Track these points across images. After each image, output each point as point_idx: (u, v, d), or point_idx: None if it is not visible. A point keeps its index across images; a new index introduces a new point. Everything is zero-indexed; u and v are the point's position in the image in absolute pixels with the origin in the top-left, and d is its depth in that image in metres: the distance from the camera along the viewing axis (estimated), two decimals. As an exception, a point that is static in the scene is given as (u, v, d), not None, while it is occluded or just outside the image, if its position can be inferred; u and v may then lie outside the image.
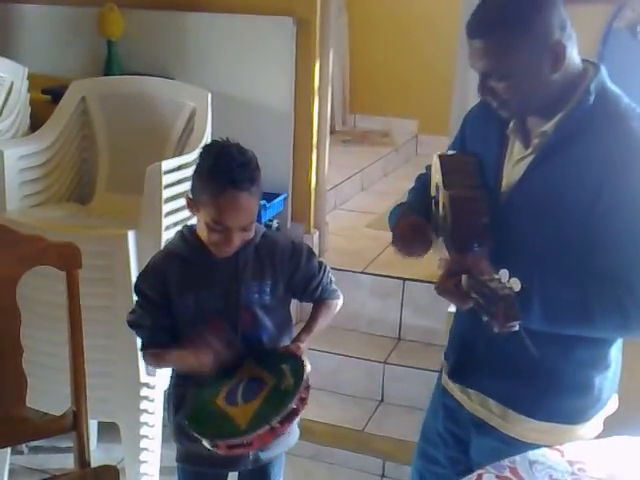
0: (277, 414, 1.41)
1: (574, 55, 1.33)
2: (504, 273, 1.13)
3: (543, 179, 1.34)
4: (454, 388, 1.56)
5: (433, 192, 1.52)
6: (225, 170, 1.46)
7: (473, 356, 1.49)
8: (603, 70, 1.37)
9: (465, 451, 1.57)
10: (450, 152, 1.55)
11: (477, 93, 1.36)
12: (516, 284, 1.11)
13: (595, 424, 1.47)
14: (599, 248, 1.28)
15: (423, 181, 1.65)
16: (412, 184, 1.71)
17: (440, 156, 1.49)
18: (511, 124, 1.41)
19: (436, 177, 1.49)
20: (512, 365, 1.42)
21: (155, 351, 1.58)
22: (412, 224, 1.48)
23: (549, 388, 1.42)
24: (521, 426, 1.45)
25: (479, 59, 1.30)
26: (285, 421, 1.42)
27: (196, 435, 1.45)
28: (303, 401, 1.45)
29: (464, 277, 1.21)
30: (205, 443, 1.44)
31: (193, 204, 1.52)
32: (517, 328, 1.13)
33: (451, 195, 1.36)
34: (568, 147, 1.31)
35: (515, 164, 1.41)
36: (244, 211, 1.48)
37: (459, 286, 1.22)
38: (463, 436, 1.57)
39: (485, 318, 1.15)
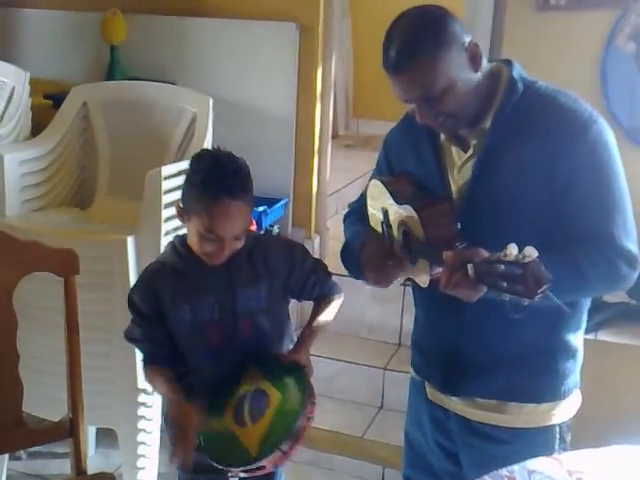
0: (286, 438, 1.40)
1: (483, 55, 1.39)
2: (513, 247, 1.13)
3: (494, 174, 1.37)
4: (445, 399, 1.55)
5: (378, 219, 1.52)
6: (218, 179, 1.45)
7: (463, 363, 1.48)
8: (515, 62, 1.42)
9: (457, 463, 1.57)
10: (385, 176, 1.55)
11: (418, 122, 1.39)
12: (532, 251, 1.11)
13: (578, 394, 1.53)
14: (570, 215, 1.34)
15: (357, 212, 1.65)
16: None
17: (381, 181, 1.50)
18: (442, 135, 1.45)
19: (380, 203, 1.50)
20: (505, 359, 1.44)
21: (152, 373, 1.58)
22: (378, 249, 1.48)
23: (546, 369, 1.46)
24: (526, 414, 1.47)
25: (410, 88, 1.34)
26: (294, 443, 1.41)
27: (212, 462, 1.45)
28: (310, 419, 1.44)
29: (470, 266, 1.19)
30: (220, 467, 1.45)
31: (184, 213, 1.52)
32: (545, 294, 1.12)
33: (414, 207, 1.37)
34: (510, 137, 1.36)
35: (460, 169, 1.43)
36: (237, 220, 1.47)
37: (467, 277, 1.21)
38: (452, 449, 1.57)
39: (507, 297, 1.14)
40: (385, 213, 1.48)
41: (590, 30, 2.45)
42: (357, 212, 1.66)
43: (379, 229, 1.53)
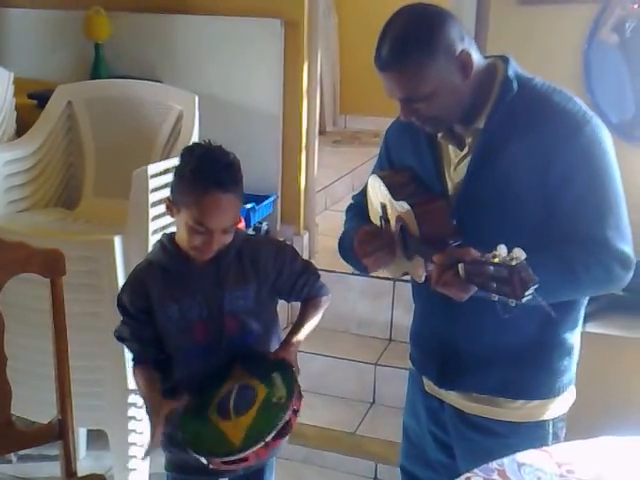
0: (271, 430, 1.40)
1: (477, 56, 1.39)
2: (502, 248, 1.14)
3: (489, 172, 1.38)
4: (441, 391, 1.55)
5: (377, 213, 1.53)
6: (209, 171, 1.45)
7: (458, 358, 1.49)
8: (512, 58, 1.43)
9: (451, 455, 1.57)
10: (385, 171, 1.57)
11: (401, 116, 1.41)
12: (520, 253, 1.12)
13: (572, 390, 1.53)
14: (565, 215, 1.34)
15: (359, 205, 1.66)
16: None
17: (380, 176, 1.51)
18: (439, 132, 1.46)
19: (379, 198, 1.51)
20: (500, 355, 1.45)
21: (139, 375, 1.58)
22: (369, 230, 1.50)
23: (541, 366, 1.47)
24: (518, 409, 1.48)
25: (395, 88, 1.36)
26: (279, 435, 1.41)
27: (193, 453, 1.44)
28: (296, 413, 1.44)
29: (460, 266, 1.21)
30: (201, 459, 1.43)
31: (173, 206, 1.51)
32: (532, 296, 1.12)
33: (410, 204, 1.38)
34: (504, 136, 1.37)
35: (455, 166, 1.44)
36: (227, 213, 1.47)
37: (458, 276, 1.22)
38: (447, 441, 1.58)
39: (495, 298, 1.15)
40: (384, 208, 1.49)
41: (573, 23, 2.46)
42: (359, 205, 1.66)
43: (378, 223, 1.54)
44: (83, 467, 1.76)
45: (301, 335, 1.61)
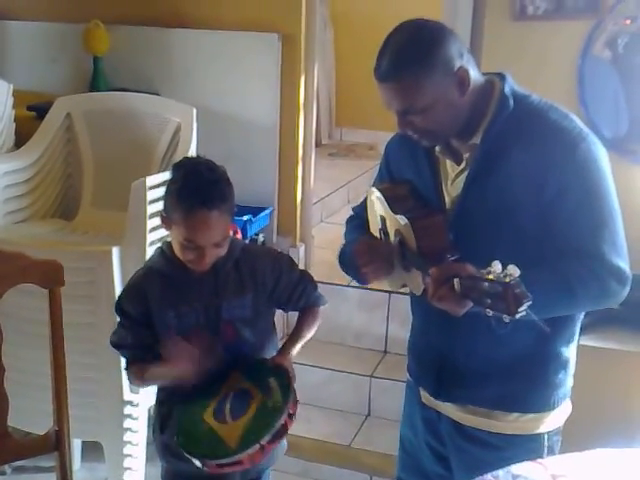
0: (266, 433, 1.40)
1: (475, 74, 1.41)
2: (496, 264, 1.15)
3: (485, 188, 1.40)
4: (439, 404, 1.56)
5: (377, 225, 1.55)
6: (194, 190, 1.46)
7: (455, 371, 1.50)
8: (508, 76, 1.44)
9: (448, 467, 1.58)
10: (385, 184, 1.58)
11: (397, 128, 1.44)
12: (514, 270, 1.13)
13: (568, 403, 1.54)
14: (560, 231, 1.35)
15: (359, 216, 1.67)
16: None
17: (379, 189, 1.53)
18: (437, 147, 1.48)
19: (379, 210, 1.53)
20: (496, 368, 1.46)
21: (137, 367, 1.57)
22: (368, 241, 1.52)
23: (537, 380, 1.47)
24: (512, 421, 1.48)
25: (393, 100, 1.38)
26: (275, 439, 1.42)
27: (186, 454, 1.44)
28: (291, 417, 1.44)
29: (456, 281, 1.22)
30: (195, 462, 1.43)
31: (166, 221, 1.53)
32: (526, 312, 1.13)
33: (408, 218, 1.40)
34: (500, 152, 1.39)
35: (453, 181, 1.46)
36: (215, 229, 1.48)
37: (454, 290, 1.23)
38: (443, 452, 1.59)
39: (490, 313, 1.16)
40: (383, 220, 1.51)
41: (566, 39, 2.49)
42: (359, 216, 1.68)
43: (378, 235, 1.56)
44: (78, 479, 1.76)
45: (298, 344, 1.62)
